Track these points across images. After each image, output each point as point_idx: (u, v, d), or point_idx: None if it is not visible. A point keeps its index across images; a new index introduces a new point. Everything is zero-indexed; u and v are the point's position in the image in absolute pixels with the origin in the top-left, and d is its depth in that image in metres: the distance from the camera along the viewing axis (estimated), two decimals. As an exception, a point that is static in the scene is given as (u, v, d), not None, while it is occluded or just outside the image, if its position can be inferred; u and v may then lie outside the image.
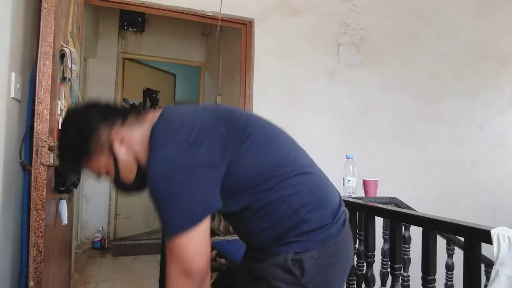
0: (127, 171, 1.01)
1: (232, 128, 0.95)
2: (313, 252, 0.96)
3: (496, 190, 3.33)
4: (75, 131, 0.99)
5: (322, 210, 0.99)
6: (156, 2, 2.53)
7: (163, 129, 0.92)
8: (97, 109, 1.01)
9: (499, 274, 1.05)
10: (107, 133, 0.97)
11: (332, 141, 2.91)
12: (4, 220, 1.34)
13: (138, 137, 0.97)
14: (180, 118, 0.94)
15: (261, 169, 0.96)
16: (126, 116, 1.00)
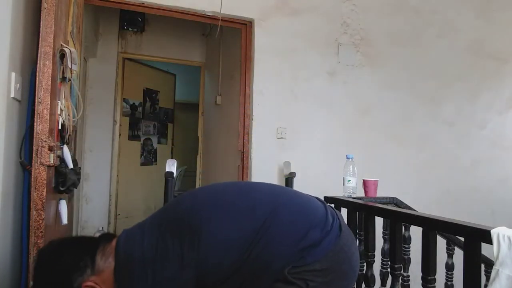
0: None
1: (181, 237, 0.97)
2: (315, 265, 0.96)
3: (496, 190, 3.33)
4: (47, 281, 1.01)
5: (309, 233, 0.98)
6: (156, 2, 2.53)
7: (125, 281, 0.97)
8: (68, 256, 1.02)
9: (499, 274, 1.05)
10: (78, 283, 0.98)
11: (332, 141, 2.91)
12: (4, 220, 1.34)
13: (108, 283, 1.00)
14: (132, 263, 0.97)
15: (229, 257, 0.96)
16: (94, 258, 1.00)
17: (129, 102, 4.48)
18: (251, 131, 2.76)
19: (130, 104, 4.49)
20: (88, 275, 0.99)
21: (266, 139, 2.78)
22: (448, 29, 3.29)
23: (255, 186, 1.14)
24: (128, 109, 4.47)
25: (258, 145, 2.76)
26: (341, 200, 1.86)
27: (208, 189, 1.20)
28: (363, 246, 1.76)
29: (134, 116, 4.56)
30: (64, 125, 1.60)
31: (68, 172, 1.50)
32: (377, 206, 1.67)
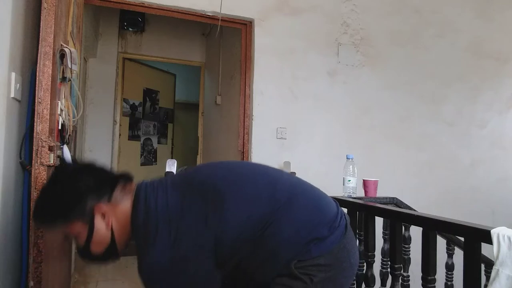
0: (98, 244, 1.01)
1: (205, 199, 0.97)
2: (320, 259, 0.97)
3: (496, 190, 3.33)
4: (61, 194, 0.99)
5: (318, 227, 1.00)
6: (156, 2, 2.53)
7: (143, 230, 0.97)
8: (89, 177, 1.01)
9: (499, 274, 1.05)
10: (92, 204, 0.98)
11: (332, 141, 2.91)
12: (4, 220, 1.34)
13: (119, 216, 1.00)
14: (155, 213, 0.96)
15: (246, 225, 0.97)
16: (114, 188, 1.01)
17: (129, 102, 4.48)
18: (251, 131, 2.77)
19: (130, 104, 4.49)
20: (104, 201, 0.98)
21: (266, 139, 2.78)
22: (448, 29, 3.29)
23: (274, 171, 1.14)
24: (128, 109, 4.47)
25: (258, 145, 2.76)
26: (341, 200, 1.85)
27: (228, 163, 1.21)
28: (363, 246, 1.76)
29: (134, 116, 4.56)
30: (64, 125, 1.60)
31: (68, 172, 1.49)
32: (377, 206, 1.67)
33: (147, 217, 0.97)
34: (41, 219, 1.03)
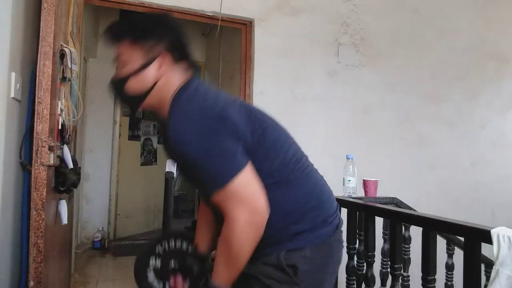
0: (136, 84, 1.01)
1: (250, 119, 0.98)
2: (306, 251, 0.97)
3: (496, 190, 3.33)
4: (151, 20, 1.07)
5: (317, 211, 1.01)
6: (156, 2, 2.53)
7: (191, 95, 0.97)
8: (178, 34, 1.04)
9: (499, 274, 1.05)
10: (162, 49, 1.00)
11: (332, 141, 2.91)
12: (4, 220, 1.34)
13: (168, 80, 1.00)
14: (208, 91, 1.00)
15: (270, 165, 0.98)
16: (183, 59, 1.04)
17: (129, 102, 4.47)
18: (251, 131, 2.76)
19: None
20: (170, 57, 1.01)
21: (266, 139, 2.78)
22: (448, 29, 3.29)
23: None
24: (128, 109, 4.47)
25: (258, 145, 2.76)
26: (341, 200, 1.85)
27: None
28: (363, 246, 1.76)
29: (134, 116, 4.56)
30: (64, 125, 1.60)
31: (68, 172, 1.50)
32: (377, 206, 1.67)
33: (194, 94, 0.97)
34: (117, 28, 1.08)
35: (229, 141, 0.91)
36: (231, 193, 0.89)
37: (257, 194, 0.91)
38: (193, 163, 0.92)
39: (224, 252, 0.93)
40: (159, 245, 1.20)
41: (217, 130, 0.91)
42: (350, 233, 1.80)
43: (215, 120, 0.92)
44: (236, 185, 0.89)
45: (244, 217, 0.89)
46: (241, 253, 0.91)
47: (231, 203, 0.89)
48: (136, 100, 1.03)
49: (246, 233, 0.90)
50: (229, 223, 0.90)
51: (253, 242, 0.91)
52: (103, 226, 4.20)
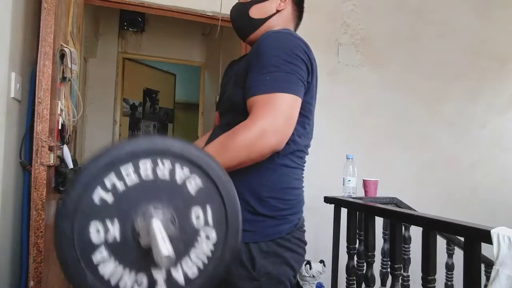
0: (257, 11, 1.12)
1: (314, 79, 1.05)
2: (261, 245, 0.96)
3: (496, 190, 3.33)
4: None
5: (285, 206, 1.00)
6: (156, 2, 2.53)
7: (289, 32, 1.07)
8: None
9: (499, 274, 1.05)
10: None
11: (332, 141, 2.91)
12: (4, 220, 1.34)
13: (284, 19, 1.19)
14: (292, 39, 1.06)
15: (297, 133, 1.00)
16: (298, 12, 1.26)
17: (129, 102, 4.48)
18: (251, 131, 2.76)
19: (130, 104, 4.49)
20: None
21: (266, 139, 2.78)
22: (448, 29, 3.29)
23: None
24: (128, 109, 4.47)
25: (258, 145, 2.76)
26: (341, 200, 1.86)
27: None
28: (363, 246, 1.76)
29: (134, 116, 4.56)
30: (64, 125, 1.60)
31: (68, 172, 1.50)
32: (377, 206, 1.67)
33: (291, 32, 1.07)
34: None
35: (303, 71, 0.95)
36: (276, 101, 0.87)
37: (291, 121, 0.89)
38: (264, 63, 0.92)
39: (223, 139, 0.88)
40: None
41: (300, 58, 0.96)
42: (350, 233, 1.80)
43: (307, 52, 1.00)
44: (286, 99, 0.88)
45: (267, 124, 0.84)
46: (234, 150, 0.84)
47: (268, 107, 0.86)
48: (253, 25, 1.12)
49: (252, 138, 0.84)
50: (250, 120, 0.86)
51: (249, 154, 0.85)
52: (103, 226, 4.20)
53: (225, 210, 0.65)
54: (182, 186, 0.62)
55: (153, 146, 0.60)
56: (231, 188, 0.66)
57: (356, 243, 1.81)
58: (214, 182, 0.64)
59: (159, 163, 0.60)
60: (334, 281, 1.96)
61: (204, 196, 0.63)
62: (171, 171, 0.61)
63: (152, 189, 0.60)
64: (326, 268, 2.33)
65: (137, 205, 0.59)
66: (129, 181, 0.59)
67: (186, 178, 0.62)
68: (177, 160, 0.61)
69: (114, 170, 0.58)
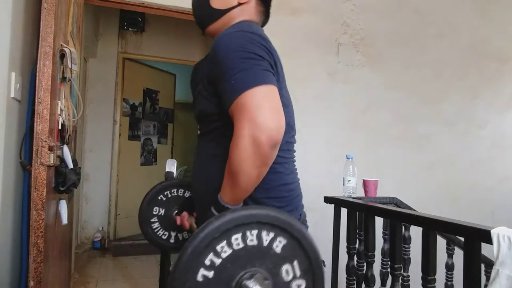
0: (219, 1, 1.09)
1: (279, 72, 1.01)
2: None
3: (496, 190, 3.33)
4: None
5: (281, 204, 1.01)
6: (156, 2, 2.53)
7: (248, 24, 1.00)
8: None
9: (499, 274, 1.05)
10: None
11: (332, 141, 2.91)
12: (4, 220, 1.34)
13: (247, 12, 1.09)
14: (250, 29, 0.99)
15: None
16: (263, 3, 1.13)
17: (129, 102, 4.48)
18: (251, 131, 2.76)
19: (130, 104, 4.49)
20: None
21: (266, 139, 2.77)
22: (448, 29, 3.29)
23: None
24: (128, 109, 4.47)
25: (258, 145, 2.76)
26: (341, 200, 1.86)
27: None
28: (363, 246, 1.76)
29: (134, 116, 4.56)
30: (64, 125, 1.60)
31: (68, 172, 1.50)
32: (377, 206, 1.67)
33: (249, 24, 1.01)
34: None
35: (269, 64, 0.92)
36: (244, 102, 0.83)
37: (274, 111, 0.83)
38: (223, 70, 0.89)
39: (227, 167, 0.88)
40: (161, 194, 1.24)
41: (255, 53, 0.91)
42: (350, 233, 1.80)
43: (263, 44, 0.94)
44: (253, 94, 0.83)
45: (248, 130, 0.81)
46: (239, 171, 0.83)
47: (241, 113, 0.83)
48: (212, 14, 1.09)
49: (247, 151, 0.81)
50: (234, 137, 0.84)
51: (253, 163, 0.82)
52: (103, 226, 4.20)
53: (309, 259, 0.73)
54: (269, 248, 0.70)
55: (240, 220, 0.68)
56: (310, 238, 0.73)
57: (356, 243, 1.81)
58: (296, 238, 0.72)
59: (247, 234, 0.69)
60: (334, 281, 1.96)
61: (290, 252, 0.72)
62: (258, 237, 0.69)
63: (245, 257, 0.69)
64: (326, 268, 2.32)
65: (234, 274, 0.68)
66: (224, 255, 0.67)
67: (271, 241, 0.70)
68: (263, 227, 0.70)
69: (212, 249, 0.66)
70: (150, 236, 1.25)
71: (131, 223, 4.40)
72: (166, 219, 1.25)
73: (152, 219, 1.24)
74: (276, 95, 0.87)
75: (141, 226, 1.25)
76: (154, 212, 1.24)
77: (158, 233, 1.25)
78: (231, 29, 0.97)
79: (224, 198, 0.89)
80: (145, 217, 1.24)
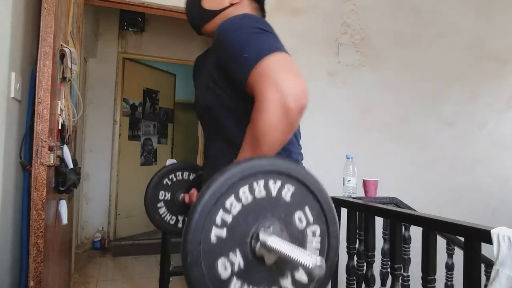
0: (212, 2, 1.08)
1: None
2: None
3: (496, 190, 3.33)
4: None
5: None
6: (156, 2, 2.53)
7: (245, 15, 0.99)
8: None
9: (499, 274, 1.05)
10: None
11: (332, 141, 2.91)
12: (4, 220, 1.34)
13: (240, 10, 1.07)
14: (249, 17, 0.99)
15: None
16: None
17: (129, 102, 4.48)
18: (251, 131, 2.76)
19: (130, 104, 4.49)
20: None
21: (266, 139, 2.78)
22: (448, 29, 3.29)
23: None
24: (128, 109, 4.47)
25: (258, 145, 2.76)
26: (341, 200, 1.86)
27: None
28: (363, 246, 1.76)
29: (134, 116, 4.56)
30: (64, 125, 1.60)
31: (68, 172, 1.50)
32: (377, 206, 1.67)
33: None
34: None
35: (272, 34, 0.93)
36: (261, 71, 0.80)
37: (291, 75, 0.80)
38: (232, 49, 0.87)
39: (249, 133, 0.84)
40: (166, 178, 1.22)
41: (263, 28, 0.92)
42: (350, 233, 1.80)
43: (265, 23, 0.95)
44: (271, 61, 0.81)
45: (272, 95, 0.77)
46: (266, 136, 0.80)
47: (263, 81, 0.79)
48: (204, 16, 1.08)
49: (275, 114, 0.78)
50: (258, 102, 0.80)
51: (282, 128, 0.79)
52: (103, 226, 4.20)
53: (320, 203, 0.70)
54: (278, 197, 0.67)
55: (245, 172, 0.64)
56: (318, 183, 0.70)
57: (356, 243, 1.81)
58: (303, 183, 0.69)
59: (254, 185, 0.65)
60: (334, 281, 1.96)
61: (299, 199, 0.68)
62: (266, 187, 0.66)
63: (255, 210, 0.65)
64: (326, 268, 2.32)
65: (248, 229, 0.64)
66: (235, 211, 0.63)
67: (279, 189, 0.67)
68: (268, 176, 0.66)
69: (221, 206, 0.62)
70: (158, 221, 1.22)
71: (131, 223, 4.40)
72: (173, 203, 1.22)
73: (159, 203, 1.21)
74: (292, 61, 0.85)
75: (147, 212, 1.22)
76: (160, 197, 1.21)
77: (166, 218, 1.23)
78: (230, 17, 0.97)
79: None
80: (151, 202, 1.20)
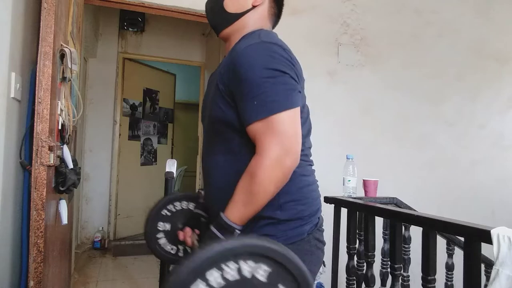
0: (234, 4, 1.08)
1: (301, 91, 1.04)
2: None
3: (496, 190, 3.33)
4: None
5: (304, 206, 1.00)
6: (156, 2, 2.53)
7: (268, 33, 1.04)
8: None
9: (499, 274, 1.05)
10: None
11: (332, 141, 2.91)
12: (4, 220, 1.34)
13: (261, 17, 1.12)
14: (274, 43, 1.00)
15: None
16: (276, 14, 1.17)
17: (129, 102, 4.48)
18: (251, 131, 2.76)
19: (130, 104, 4.49)
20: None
21: (266, 139, 2.78)
22: (448, 29, 3.29)
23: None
24: (128, 109, 4.47)
25: (258, 145, 2.76)
26: (341, 200, 1.86)
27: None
28: (363, 246, 1.76)
29: (134, 116, 4.56)
30: (64, 125, 1.60)
31: (68, 172, 1.50)
32: (377, 206, 1.67)
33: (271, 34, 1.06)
34: None
35: (292, 79, 0.94)
36: (273, 125, 0.87)
37: (297, 137, 0.89)
38: (246, 88, 0.90)
39: (245, 186, 0.88)
40: (164, 209, 1.22)
41: (285, 64, 0.93)
42: (350, 233, 1.80)
43: (285, 56, 0.95)
44: (282, 118, 0.87)
45: (277, 152, 0.86)
46: (262, 191, 0.86)
47: (269, 135, 0.86)
48: (227, 19, 1.08)
49: (273, 170, 0.86)
50: (259, 155, 0.87)
51: (276, 184, 0.87)
52: (103, 226, 4.20)
53: (297, 282, 0.69)
54: (253, 279, 0.65)
55: (213, 254, 0.63)
56: (293, 257, 0.69)
57: (356, 243, 1.81)
58: (278, 262, 0.67)
59: (224, 268, 0.63)
60: (334, 281, 1.96)
61: (275, 277, 0.67)
62: (238, 270, 0.64)
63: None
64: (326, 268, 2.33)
65: None
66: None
67: (253, 270, 0.65)
68: (239, 258, 0.64)
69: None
70: (158, 252, 1.23)
71: (131, 223, 4.40)
72: (173, 233, 1.21)
73: (158, 234, 1.21)
74: (298, 118, 0.92)
75: (148, 243, 1.22)
76: (159, 228, 1.22)
77: (166, 248, 1.23)
78: (251, 40, 0.96)
79: (231, 217, 0.88)
80: (151, 234, 1.21)
